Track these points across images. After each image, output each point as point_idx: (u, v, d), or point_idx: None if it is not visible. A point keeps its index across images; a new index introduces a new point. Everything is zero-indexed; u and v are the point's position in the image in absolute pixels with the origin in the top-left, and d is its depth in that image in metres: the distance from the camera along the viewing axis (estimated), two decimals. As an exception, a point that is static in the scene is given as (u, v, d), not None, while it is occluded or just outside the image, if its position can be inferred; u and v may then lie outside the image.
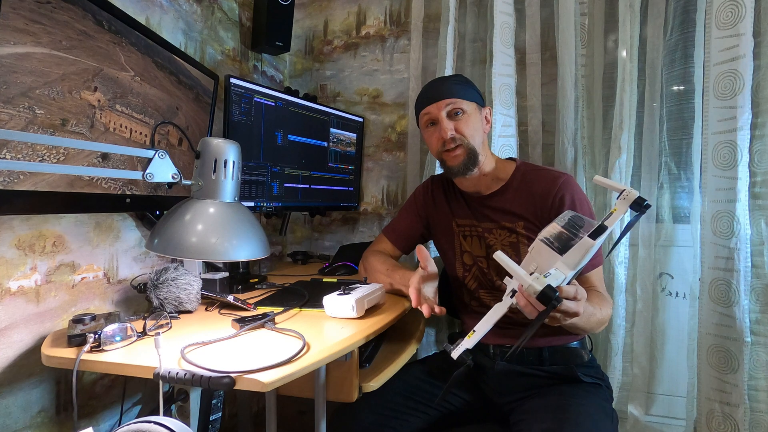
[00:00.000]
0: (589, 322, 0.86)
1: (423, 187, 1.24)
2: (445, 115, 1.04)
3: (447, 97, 1.04)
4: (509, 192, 1.06)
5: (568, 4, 1.33)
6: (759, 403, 1.14)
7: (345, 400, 0.89)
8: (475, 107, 1.06)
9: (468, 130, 1.03)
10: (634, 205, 0.73)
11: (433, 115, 1.05)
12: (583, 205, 1.02)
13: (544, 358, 1.01)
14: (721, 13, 1.13)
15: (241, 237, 0.72)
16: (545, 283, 0.67)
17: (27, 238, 0.85)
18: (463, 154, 1.03)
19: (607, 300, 0.98)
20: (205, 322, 0.91)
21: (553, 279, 0.69)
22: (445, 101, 1.04)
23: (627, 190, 0.74)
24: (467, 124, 1.04)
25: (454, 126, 1.03)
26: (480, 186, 1.08)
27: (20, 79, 0.71)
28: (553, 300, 0.66)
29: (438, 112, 1.04)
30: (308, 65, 1.87)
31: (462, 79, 1.09)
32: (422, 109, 1.08)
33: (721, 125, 1.15)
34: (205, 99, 1.20)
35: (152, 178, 0.66)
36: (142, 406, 1.09)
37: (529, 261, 0.77)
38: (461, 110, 1.04)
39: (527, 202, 1.04)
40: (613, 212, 0.74)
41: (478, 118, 1.06)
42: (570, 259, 0.71)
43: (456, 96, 1.04)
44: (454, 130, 1.03)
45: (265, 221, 1.69)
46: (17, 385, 0.84)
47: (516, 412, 0.97)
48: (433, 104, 1.05)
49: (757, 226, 1.16)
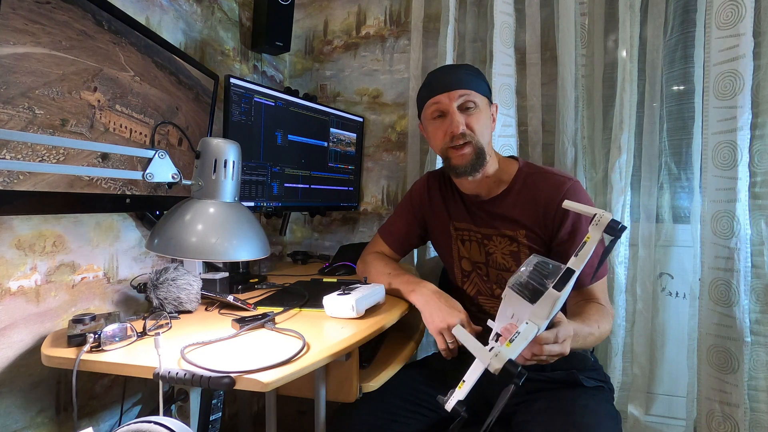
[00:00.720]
0: (585, 343, 0.85)
1: (419, 187, 1.19)
2: (457, 108, 0.95)
3: (461, 87, 0.95)
4: (511, 197, 1.01)
5: (568, 4, 1.33)
6: (759, 403, 1.14)
7: (345, 400, 0.89)
8: (486, 103, 0.99)
9: (479, 127, 0.96)
10: (608, 229, 0.69)
11: (444, 105, 0.96)
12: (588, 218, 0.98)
13: (544, 365, 1.00)
14: (721, 13, 1.13)
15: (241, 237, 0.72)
16: (506, 358, 0.63)
17: (27, 238, 0.85)
18: (472, 153, 0.96)
19: (608, 314, 0.95)
20: (205, 322, 0.91)
21: (521, 339, 0.65)
22: (459, 92, 0.95)
23: (599, 215, 0.70)
24: (479, 120, 0.96)
25: (465, 120, 0.95)
26: (481, 189, 1.03)
27: (20, 80, 0.71)
28: (514, 377, 0.62)
29: (450, 103, 0.95)
30: (308, 65, 1.87)
31: (474, 70, 1.01)
32: (430, 98, 0.99)
33: (721, 125, 1.15)
34: (205, 99, 1.20)
35: (152, 178, 0.66)
36: (142, 406, 1.09)
37: (505, 307, 0.74)
38: (474, 104, 0.95)
39: (529, 209, 0.99)
40: (586, 241, 0.69)
41: (488, 114, 0.99)
42: (540, 311, 0.68)
43: (470, 87, 0.96)
44: (465, 125, 0.95)
45: (265, 221, 1.70)
46: (17, 385, 0.84)
47: (519, 414, 0.96)
48: (444, 93, 0.96)
49: (757, 226, 1.16)
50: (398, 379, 0.98)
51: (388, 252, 1.21)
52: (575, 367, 0.99)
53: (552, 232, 0.98)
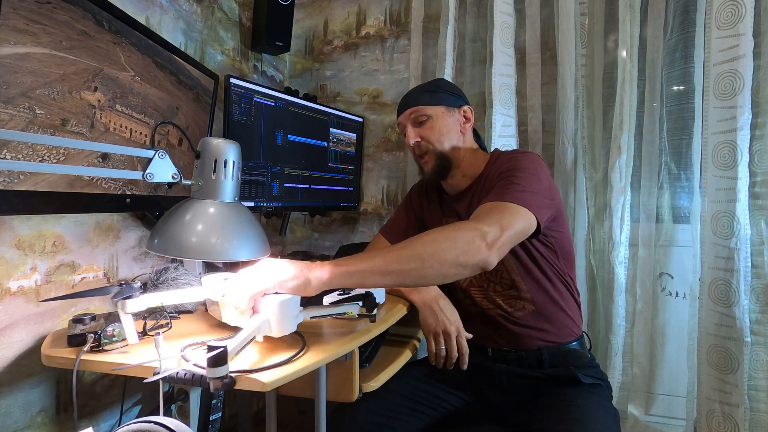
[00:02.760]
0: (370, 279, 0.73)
1: (417, 186, 1.25)
2: (411, 124, 1.07)
3: (411, 106, 1.07)
4: (480, 183, 1.06)
5: (568, 4, 1.33)
6: (759, 403, 1.14)
7: (345, 400, 0.89)
8: (442, 110, 1.07)
9: (433, 135, 1.05)
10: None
11: (402, 126, 1.10)
12: (521, 161, 0.95)
13: (544, 360, 1.00)
14: (721, 13, 1.13)
15: (241, 237, 0.72)
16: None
17: (27, 238, 0.85)
18: (432, 159, 1.05)
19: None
20: (205, 322, 0.91)
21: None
22: (410, 110, 1.07)
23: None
24: (432, 130, 1.05)
25: (417, 133, 1.06)
26: (460, 185, 1.09)
27: (20, 79, 0.71)
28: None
29: (405, 122, 1.08)
30: (308, 65, 1.87)
31: (431, 87, 1.11)
32: (398, 123, 1.12)
33: (721, 125, 1.15)
34: (205, 99, 1.20)
35: (152, 178, 0.66)
36: (142, 406, 1.09)
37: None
38: (425, 116, 1.06)
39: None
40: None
41: (446, 120, 1.07)
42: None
43: (419, 104, 1.06)
44: (419, 137, 1.06)
45: (265, 221, 1.69)
46: (17, 385, 0.84)
47: (519, 412, 0.97)
48: (402, 115, 1.10)
49: (757, 226, 1.16)
50: (398, 377, 0.99)
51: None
52: (572, 363, 1.00)
53: None
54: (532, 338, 1.01)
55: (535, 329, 1.01)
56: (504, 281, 1.03)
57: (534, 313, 1.01)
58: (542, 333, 1.01)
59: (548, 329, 1.01)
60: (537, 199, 0.87)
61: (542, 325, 1.01)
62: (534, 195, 0.87)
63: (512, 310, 1.02)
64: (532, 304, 1.01)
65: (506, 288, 1.03)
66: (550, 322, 1.01)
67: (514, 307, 1.02)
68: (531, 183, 0.89)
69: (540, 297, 1.01)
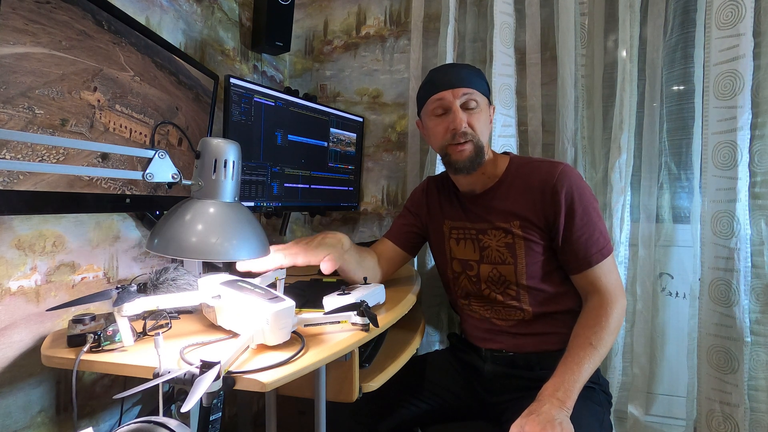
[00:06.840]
0: (587, 373, 0.86)
1: (419, 189, 1.22)
2: (460, 106, 0.97)
3: (464, 85, 0.97)
4: (503, 187, 1.02)
5: (568, 4, 1.33)
6: (759, 403, 1.14)
7: (345, 400, 0.89)
8: (486, 103, 1.01)
9: (479, 126, 0.98)
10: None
11: (447, 102, 0.97)
12: (583, 194, 0.95)
13: (533, 364, 0.99)
14: (721, 13, 1.13)
15: (241, 237, 0.72)
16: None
17: (27, 238, 0.85)
18: (471, 150, 0.97)
19: (607, 311, 0.92)
20: (204, 322, 0.91)
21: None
22: (462, 90, 0.96)
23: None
24: (479, 120, 0.98)
25: (467, 119, 0.97)
26: (476, 184, 1.04)
27: (20, 79, 0.71)
28: None
29: (453, 100, 0.96)
30: (308, 65, 1.87)
31: (476, 70, 1.03)
32: (433, 95, 0.99)
33: (721, 125, 1.15)
34: (205, 99, 1.20)
35: (152, 178, 0.66)
36: (142, 406, 1.09)
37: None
38: (476, 103, 0.97)
39: (524, 197, 0.99)
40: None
41: (487, 114, 1.02)
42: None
43: (473, 87, 0.98)
44: (467, 123, 0.97)
45: (265, 221, 1.69)
46: (17, 385, 0.84)
47: (508, 412, 0.96)
48: (448, 90, 0.97)
49: (757, 226, 1.16)
50: (399, 374, 0.99)
51: (390, 248, 1.19)
52: None
53: (549, 218, 0.97)
54: (526, 343, 1.00)
55: (530, 335, 1.00)
56: (506, 289, 1.02)
57: (530, 321, 1.00)
58: (537, 338, 1.00)
59: (543, 336, 1.00)
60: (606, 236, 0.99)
61: (538, 330, 1.00)
62: (605, 235, 0.98)
63: (509, 317, 1.02)
64: (530, 310, 1.00)
65: (507, 298, 1.02)
66: (546, 329, 1.00)
67: (511, 314, 1.02)
68: (600, 222, 0.98)
69: (538, 305, 1.00)
